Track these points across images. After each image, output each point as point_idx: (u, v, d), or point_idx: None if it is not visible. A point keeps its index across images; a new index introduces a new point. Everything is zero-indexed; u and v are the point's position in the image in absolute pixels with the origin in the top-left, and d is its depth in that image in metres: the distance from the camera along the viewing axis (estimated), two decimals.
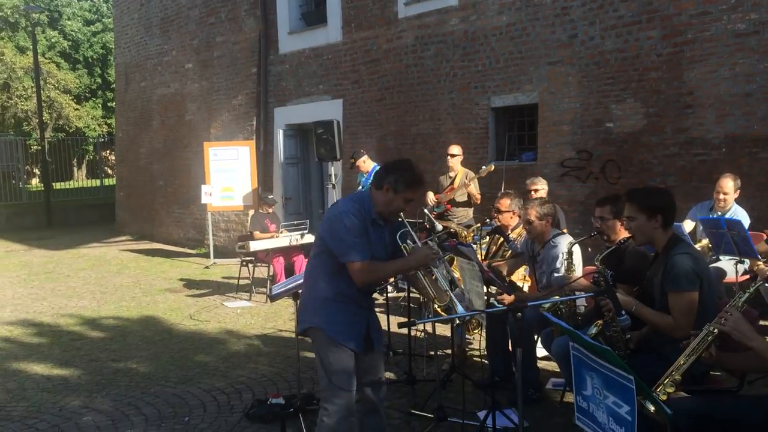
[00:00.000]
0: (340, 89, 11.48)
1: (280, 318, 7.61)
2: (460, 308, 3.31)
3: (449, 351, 5.66)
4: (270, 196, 9.87)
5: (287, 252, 9.02)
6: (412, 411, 4.48)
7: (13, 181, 20.19)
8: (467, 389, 4.93)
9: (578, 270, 4.41)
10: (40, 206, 18.89)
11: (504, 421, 4.05)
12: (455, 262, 5.09)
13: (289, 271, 9.21)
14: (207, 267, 11.48)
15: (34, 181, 25.36)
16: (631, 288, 3.69)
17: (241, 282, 9.28)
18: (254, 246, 8.68)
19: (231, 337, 6.86)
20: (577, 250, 4.46)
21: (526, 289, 5.48)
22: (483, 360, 5.70)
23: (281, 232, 9.21)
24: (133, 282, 10.35)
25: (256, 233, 9.22)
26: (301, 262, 9.13)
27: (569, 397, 4.64)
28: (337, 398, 3.34)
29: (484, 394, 4.61)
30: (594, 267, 4.50)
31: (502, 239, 5.37)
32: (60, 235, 16.51)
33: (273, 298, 4.28)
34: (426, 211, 7.32)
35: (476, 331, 6.40)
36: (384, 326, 6.36)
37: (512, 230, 5.35)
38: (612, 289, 2.91)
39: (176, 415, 4.72)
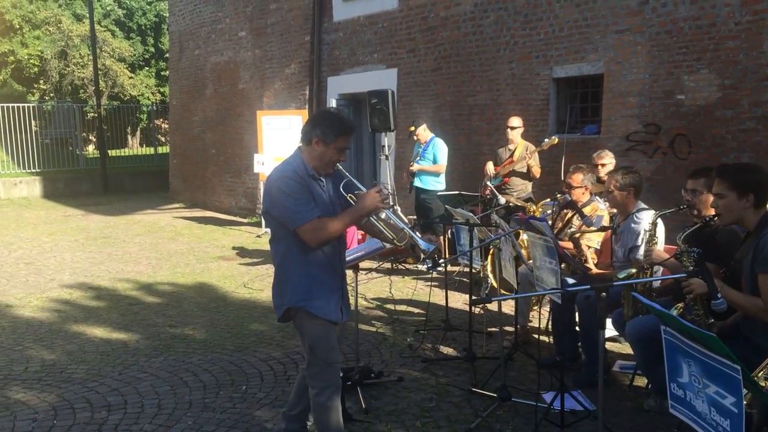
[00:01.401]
0: (395, 58, 11.24)
1: None
2: (422, 243, 3.20)
3: (510, 329, 5.50)
4: None
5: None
6: (473, 389, 4.34)
7: (70, 148, 20.64)
8: (529, 369, 4.79)
9: (660, 246, 4.16)
10: (96, 173, 19.27)
11: (572, 403, 3.88)
12: (520, 237, 4.90)
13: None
14: (258, 236, 11.51)
15: (90, 148, 25.89)
16: (718, 269, 3.45)
17: None
18: None
19: None
20: (661, 224, 4.21)
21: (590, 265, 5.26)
22: (544, 339, 5.53)
23: None
24: (186, 249, 10.45)
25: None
26: (353, 233, 9.03)
27: (639, 381, 4.44)
28: (324, 374, 3.26)
29: (550, 375, 4.43)
30: (675, 247, 4.26)
31: (569, 214, 5.13)
32: (115, 202, 16.82)
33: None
34: (489, 184, 7.11)
35: (535, 308, 6.21)
36: (436, 301, 6.29)
37: (583, 207, 5.11)
38: (707, 269, 2.69)
39: (234, 383, 4.69)
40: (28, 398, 4.46)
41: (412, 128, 8.77)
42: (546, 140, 7.67)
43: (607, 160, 6.58)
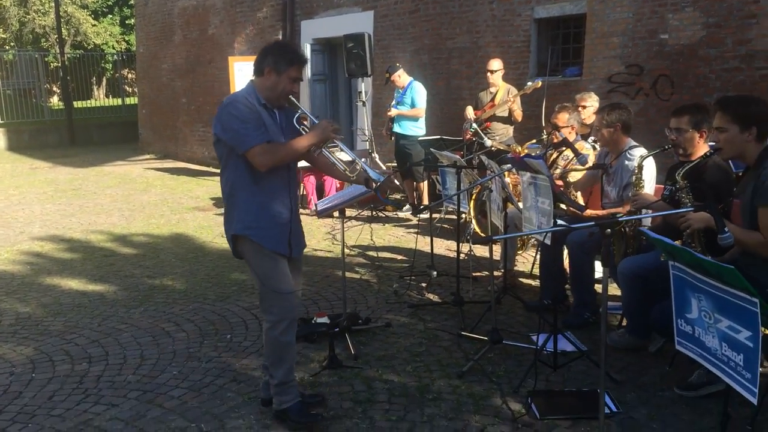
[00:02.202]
0: (371, 0, 10.89)
1: (313, 237, 7.41)
2: (372, 173, 3.18)
3: (497, 273, 5.45)
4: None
5: (318, 171, 8.75)
6: (462, 333, 4.28)
7: (34, 99, 19.93)
8: (517, 312, 4.74)
9: (648, 187, 4.09)
10: (62, 124, 18.67)
11: (563, 344, 3.84)
12: (508, 177, 4.79)
13: (320, 191, 8.97)
14: None
15: (54, 100, 25.05)
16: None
17: None
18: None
19: None
20: (649, 164, 4.13)
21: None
22: (529, 282, 5.49)
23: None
24: (160, 200, 10.20)
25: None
26: (332, 182, 8.87)
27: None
28: (276, 306, 3.19)
29: (538, 318, 4.39)
30: (661, 187, 4.19)
31: (555, 155, 5.02)
32: (83, 153, 16.35)
33: (320, 213, 4.02)
34: (474, 126, 6.96)
35: (520, 252, 6.16)
36: (419, 247, 6.20)
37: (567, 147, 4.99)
38: (715, 204, 2.61)
39: (218, 333, 4.58)
40: (4, 351, 4.30)
41: (387, 74, 8.54)
42: (529, 83, 7.51)
43: (590, 102, 6.45)
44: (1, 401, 3.63)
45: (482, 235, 6.74)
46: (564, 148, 4.75)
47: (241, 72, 11.58)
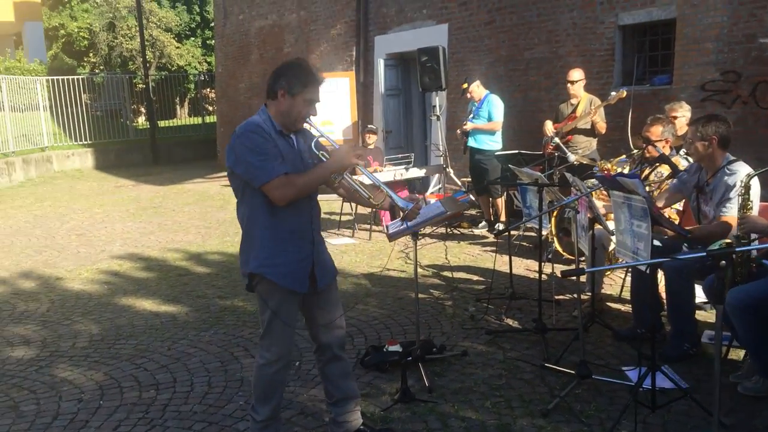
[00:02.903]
0: (446, 13, 10.68)
1: (386, 256, 7.20)
2: (399, 201, 2.95)
3: (579, 296, 5.05)
4: (372, 126, 9.38)
5: (391, 187, 8.53)
6: (546, 364, 3.94)
7: (121, 119, 20.73)
8: (606, 341, 4.35)
9: (755, 209, 3.65)
10: (146, 143, 19.31)
11: (661, 381, 3.44)
12: (593, 197, 4.42)
13: (392, 208, 8.76)
14: None
15: (140, 120, 26.05)
16: None
17: (343, 218, 8.96)
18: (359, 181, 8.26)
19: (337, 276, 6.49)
20: (755, 184, 3.69)
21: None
22: (618, 307, 5.07)
23: (385, 167, 8.73)
24: (235, 217, 10.21)
25: (358, 168, 8.78)
26: (405, 195, 8.65)
27: (734, 354, 3.97)
28: (276, 347, 3.04)
29: (631, 349, 4.00)
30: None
31: (646, 171, 4.61)
32: (165, 171, 16.81)
33: (392, 237, 3.79)
34: (557, 140, 6.60)
35: (608, 274, 5.75)
36: (497, 267, 5.88)
37: (664, 162, 4.58)
38: None
39: None
40: (75, 377, 4.27)
41: (465, 85, 8.26)
42: (613, 93, 7.07)
43: (681, 113, 6.00)
44: (66, 431, 3.57)
45: (564, 254, 6.36)
46: (658, 164, 4.33)
47: None
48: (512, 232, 7.93)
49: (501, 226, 8.15)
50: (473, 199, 7.14)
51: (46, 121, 17.71)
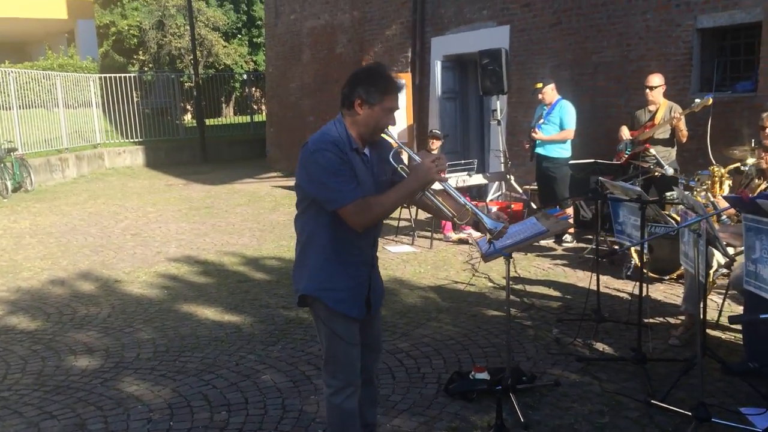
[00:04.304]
0: (507, 14, 10.32)
1: (451, 267, 6.91)
2: (488, 221, 2.67)
3: (673, 321, 4.70)
4: (436, 130, 9.07)
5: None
6: (652, 401, 3.59)
7: (169, 117, 20.83)
8: (714, 375, 3.98)
9: None
10: (195, 142, 19.35)
11: None
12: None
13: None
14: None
15: (187, 117, 26.18)
16: None
17: (401, 224, 8.69)
18: None
19: (402, 287, 6.24)
20: None
21: None
22: (718, 335, 4.68)
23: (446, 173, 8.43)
24: (288, 220, 10.06)
25: (442, 184, 8.48)
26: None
27: None
28: (342, 373, 2.87)
29: (748, 386, 3.62)
30: None
31: (763, 185, 4.22)
32: (215, 170, 16.79)
33: (487, 257, 3.50)
34: (653, 151, 6.22)
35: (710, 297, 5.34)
36: (570, 281, 5.55)
37: None
38: None
39: None
40: (142, 392, 4.08)
41: (539, 85, 7.90)
42: (697, 101, 6.65)
43: None
44: None
45: (646, 272, 5.98)
46: None
47: None
48: (582, 244, 7.57)
49: (569, 238, 7.83)
50: (584, 217, 6.78)
51: (99, 119, 17.87)
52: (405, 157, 2.94)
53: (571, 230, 7.66)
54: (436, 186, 2.79)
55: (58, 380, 4.31)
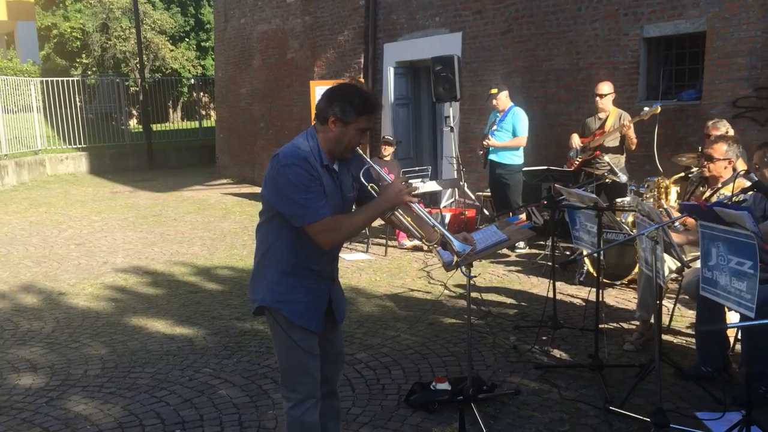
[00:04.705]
0: (460, 21, 10.39)
1: (407, 275, 6.89)
2: (456, 243, 2.69)
3: (626, 326, 4.76)
4: (389, 137, 9.04)
5: None
6: (611, 407, 3.62)
7: (114, 123, 20.28)
8: (668, 380, 4.04)
9: None
10: (141, 148, 18.87)
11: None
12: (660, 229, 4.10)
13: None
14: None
15: (133, 123, 25.55)
16: None
17: None
18: None
19: (358, 296, 6.18)
20: None
21: None
22: (670, 339, 4.78)
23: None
24: (240, 228, 9.90)
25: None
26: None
27: None
28: (302, 385, 2.80)
29: (701, 390, 3.68)
30: None
31: (707, 192, 4.32)
32: (162, 177, 16.40)
33: (448, 267, 3.46)
34: (606, 159, 6.31)
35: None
36: (523, 288, 5.62)
37: (724, 185, 4.30)
38: None
39: None
40: (90, 411, 3.91)
41: (494, 90, 7.96)
42: (646, 109, 6.81)
43: (724, 131, 5.74)
44: None
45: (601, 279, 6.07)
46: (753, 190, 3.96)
47: None
48: (535, 251, 7.64)
49: (522, 244, 7.90)
50: (536, 223, 6.82)
51: (40, 124, 17.26)
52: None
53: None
54: None
55: (1, 400, 4.10)
